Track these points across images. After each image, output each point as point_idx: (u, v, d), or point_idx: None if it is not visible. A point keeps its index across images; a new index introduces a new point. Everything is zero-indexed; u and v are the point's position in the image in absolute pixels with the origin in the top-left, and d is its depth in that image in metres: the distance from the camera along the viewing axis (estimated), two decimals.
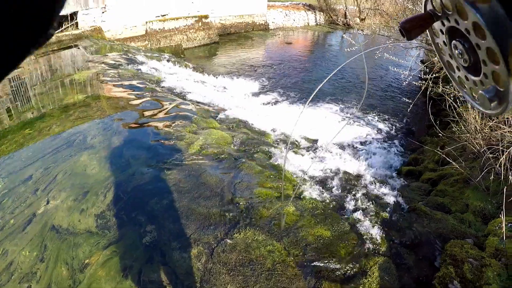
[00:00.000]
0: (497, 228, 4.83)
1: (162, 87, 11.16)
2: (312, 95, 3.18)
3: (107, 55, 13.94)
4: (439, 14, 0.87)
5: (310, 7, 35.98)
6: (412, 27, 0.91)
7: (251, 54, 21.46)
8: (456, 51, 0.89)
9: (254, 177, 6.24)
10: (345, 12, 35.45)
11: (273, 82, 15.92)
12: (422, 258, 4.73)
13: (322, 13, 35.97)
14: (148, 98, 9.41)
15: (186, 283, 4.19)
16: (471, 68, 0.88)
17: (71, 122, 7.88)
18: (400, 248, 4.87)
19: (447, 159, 6.79)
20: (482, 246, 4.67)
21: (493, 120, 6.90)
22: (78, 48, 14.39)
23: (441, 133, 7.95)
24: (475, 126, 7.15)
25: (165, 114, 8.55)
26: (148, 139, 7.25)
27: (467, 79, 0.92)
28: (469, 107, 7.68)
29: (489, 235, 4.83)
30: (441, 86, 9.16)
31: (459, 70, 0.95)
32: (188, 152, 6.81)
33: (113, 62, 12.89)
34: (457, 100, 8.33)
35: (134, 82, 10.71)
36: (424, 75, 9.79)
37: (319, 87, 3.08)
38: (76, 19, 16.35)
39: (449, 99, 8.19)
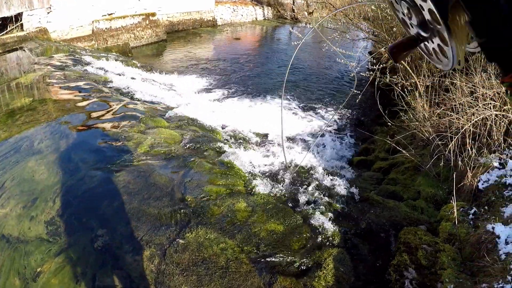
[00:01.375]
0: (449, 213, 4.85)
1: (110, 87, 10.84)
2: (283, 90, 3.06)
3: (53, 57, 13.45)
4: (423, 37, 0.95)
5: (258, 2, 36.04)
6: (398, 52, 1.00)
7: (199, 51, 21.27)
8: (405, 11, 0.95)
9: (204, 174, 6.08)
10: (293, 6, 35.68)
11: (222, 78, 15.80)
12: (376, 247, 4.70)
13: (270, 7, 36.08)
14: (95, 99, 9.10)
15: (141, 286, 4.03)
16: (421, 26, 0.92)
17: (18, 127, 7.52)
18: (354, 238, 4.82)
19: (397, 147, 6.83)
20: (435, 232, 4.68)
21: (441, 107, 6.97)
22: (24, 50, 13.85)
23: (390, 123, 8.01)
24: (424, 114, 7.22)
25: (112, 114, 8.27)
26: (96, 141, 6.98)
27: (420, 36, 0.97)
28: (417, 96, 7.76)
29: (442, 220, 4.84)
30: (388, 76, 9.23)
31: (412, 27, 1.00)
32: (137, 153, 6.59)
33: (59, 63, 12.46)
34: (405, 89, 8.41)
35: (80, 83, 10.36)
36: (371, 66, 9.86)
37: (285, 80, 2.96)
38: (20, 20, 15.76)
39: (397, 88, 8.27)
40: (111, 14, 20.07)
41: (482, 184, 5.12)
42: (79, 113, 8.22)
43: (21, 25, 15.80)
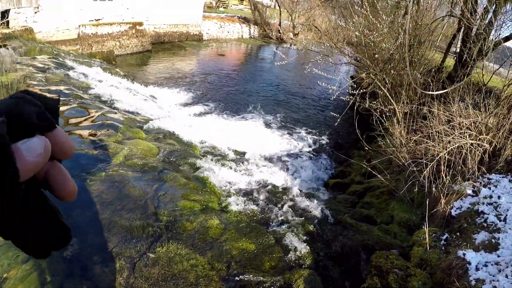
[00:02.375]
0: (421, 238, 4.86)
1: (90, 94, 10.70)
2: None
3: (36, 58, 13.23)
4: None
5: (245, 20, 36.39)
6: None
7: (183, 64, 21.28)
8: None
9: (179, 189, 6.02)
10: (279, 27, 35.99)
11: (204, 94, 15.77)
12: (347, 270, 4.68)
13: (256, 26, 36.48)
14: (75, 105, 8.95)
15: None
16: None
17: None
18: (325, 260, 4.79)
19: (373, 172, 6.85)
20: (407, 257, 4.67)
21: (418, 134, 7.04)
22: (7, 48, 13.62)
23: (367, 147, 8.05)
24: (401, 140, 7.27)
25: (91, 122, 8.16)
26: None
27: None
28: (395, 122, 7.83)
29: (414, 245, 4.84)
30: (368, 102, 9.31)
31: None
32: (112, 163, 6.49)
33: (42, 65, 12.26)
34: (384, 115, 8.48)
35: (61, 88, 10.21)
36: (352, 90, 9.94)
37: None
38: (7, 17, 15.55)
39: (376, 114, 8.33)
40: (99, 20, 19.92)
41: (455, 211, 5.16)
42: None
43: (7, 22, 15.59)
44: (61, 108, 8.50)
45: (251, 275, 4.40)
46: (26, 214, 0.59)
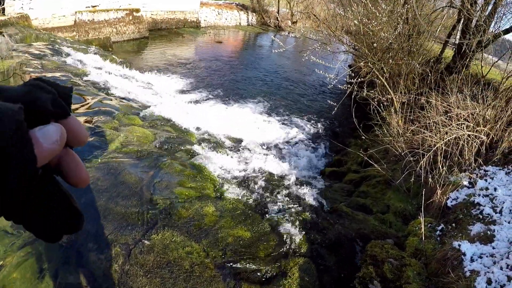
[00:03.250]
0: (417, 228, 4.86)
1: (86, 80, 10.63)
2: None
3: (32, 45, 13.12)
4: None
5: (243, 7, 36.15)
6: None
7: (181, 51, 21.16)
8: None
9: (175, 176, 6.00)
10: (277, 15, 35.82)
11: (201, 81, 15.68)
12: (343, 258, 4.67)
13: (254, 13, 36.23)
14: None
15: (104, 286, 3.92)
16: None
17: None
18: (320, 248, 4.78)
19: (370, 161, 6.85)
20: (402, 246, 4.68)
21: (415, 124, 7.03)
22: (3, 35, 13.52)
23: (364, 136, 8.04)
24: (398, 130, 7.27)
25: (86, 109, 8.11)
26: None
27: None
28: (393, 111, 7.81)
29: (409, 235, 4.85)
30: (365, 91, 9.29)
31: None
32: (108, 149, 6.46)
33: (38, 52, 12.17)
34: (381, 104, 8.46)
35: (57, 74, 10.15)
36: (350, 79, 9.91)
37: None
38: (3, 4, 15.40)
39: (373, 103, 8.31)
40: (95, 6, 19.71)
41: (451, 202, 5.16)
42: None
43: (3, 9, 15.46)
44: None
45: (246, 263, 4.40)
46: (40, 199, 0.60)
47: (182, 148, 7.21)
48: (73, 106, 7.86)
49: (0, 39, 11.97)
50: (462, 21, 10.52)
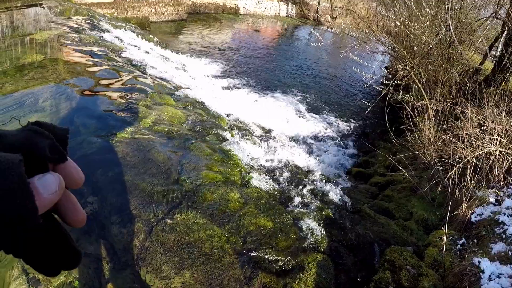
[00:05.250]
0: (438, 239, 4.85)
1: (123, 57, 10.77)
2: None
3: (71, 18, 13.31)
4: None
5: None
6: None
7: (218, 36, 21.19)
8: None
9: (203, 159, 6.06)
10: (318, 8, 35.57)
11: (235, 68, 15.73)
12: (361, 260, 4.70)
13: (294, 5, 36.05)
14: (106, 67, 9.00)
15: (123, 259, 4.01)
16: None
17: (25, 82, 7.45)
18: (340, 247, 4.81)
19: (398, 166, 6.81)
20: (421, 255, 4.68)
21: (447, 134, 6.97)
22: (43, 7, 13.65)
23: (395, 140, 8.00)
24: (429, 138, 7.21)
25: (121, 84, 8.21)
26: (100, 108, 6.90)
27: None
28: (426, 118, 7.75)
29: (430, 245, 4.85)
30: (401, 94, 9.22)
31: None
32: (140, 126, 6.55)
33: (76, 26, 12.33)
34: (415, 110, 8.40)
35: (94, 49, 10.28)
36: (386, 80, 9.84)
37: None
38: None
39: (407, 107, 8.25)
40: None
41: (475, 217, 5.13)
42: (88, 77, 8.16)
43: None
44: (93, 69, 8.58)
45: (265, 253, 4.45)
46: (40, 238, 0.63)
47: (212, 132, 7.28)
48: (108, 81, 8.07)
49: (40, 11, 12.15)
50: (505, 33, 10.33)
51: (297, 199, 5.72)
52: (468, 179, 5.53)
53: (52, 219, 0.68)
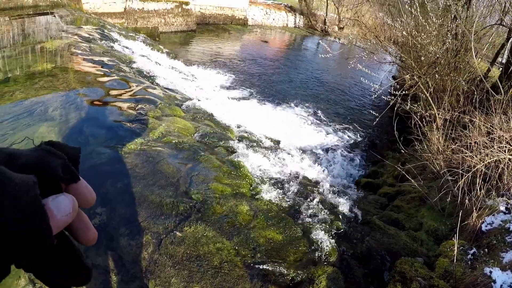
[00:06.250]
0: (448, 250, 4.82)
1: (132, 67, 10.85)
2: None
3: (81, 27, 13.47)
4: None
5: (291, 9, 36.32)
6: None
7: (226, 47, 21.37)
8: None
9: (212, 171, 6.08)
10: (325, 19, 35.71)
11: (244, 78, 15.83)
12: (371, 271, 4.67)
13: (302, 16, 36.33)
14: (116, 77, 9.09)
15: (131, 272, 4.01)
16: None
17: (35, 90, 7.51)
18: (350, 259, 4.80)
19: (407, 176, 6.80)
20: (432, 266, 4.65)
21: (456, 143, 6.95)
22: (54, 16, 13.80)
23: (403, 150, 7.98)
24: (438, 147, 7.19)
25: (131, 95, 8.28)
26: (110, 118, 6.95)
27: None
28: (434, 128, 7.74)
29: (440, 256, 4.81)
30: (409, 104, 9.21)
31: None
32: (149, 137, 6.58)
33: (87, 35, 12.47)
34: (423, 119, 8.38)
35: (104, 59, 10.37)
36: (394, 91, 9.83)
37: None
38: None
39: (415, 117, 8.24)
40: None
41: (486, 226, 5.10)
42: (98, 87, 8.22)
43: None
44: (103, 79, 8.65)
45: (275, 265, 4.44)
46: (52, 255, 0.65)
47: (222, 143, 7.30)
48: (118, 92, 8.12)
49: (51, 19, 12.27)
50: (511, 40, 10.32)
51: (307, 211, 5.71)
52: (478, 188, 5.49)
53: (65, 237, 0.69)
